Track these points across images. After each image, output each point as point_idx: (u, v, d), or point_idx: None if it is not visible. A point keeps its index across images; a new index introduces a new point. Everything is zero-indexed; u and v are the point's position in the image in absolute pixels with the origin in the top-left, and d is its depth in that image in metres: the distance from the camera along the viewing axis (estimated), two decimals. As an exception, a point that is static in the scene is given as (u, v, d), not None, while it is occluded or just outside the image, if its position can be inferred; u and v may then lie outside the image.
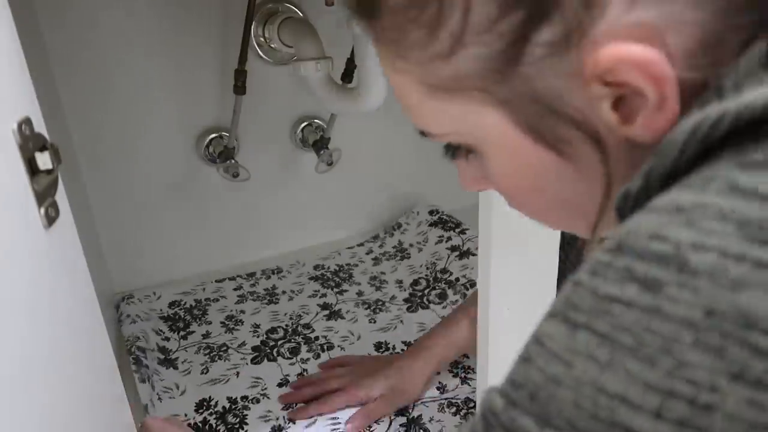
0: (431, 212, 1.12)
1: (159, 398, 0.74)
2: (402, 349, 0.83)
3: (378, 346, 0.84)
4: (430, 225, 1.09)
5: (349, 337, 0.87)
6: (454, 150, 0.37)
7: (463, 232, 1.05)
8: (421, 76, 0.31)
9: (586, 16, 0.26)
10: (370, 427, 0.70)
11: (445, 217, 1.09)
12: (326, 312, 0.93)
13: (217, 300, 0.97)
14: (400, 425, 0.70)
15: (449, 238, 1.04)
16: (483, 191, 0.40)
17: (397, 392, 0.73)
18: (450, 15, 0.28)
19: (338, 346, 0.85)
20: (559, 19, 0.26)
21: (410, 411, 0.72)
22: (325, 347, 0.85)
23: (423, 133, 0.36)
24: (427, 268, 1.01)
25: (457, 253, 1.01)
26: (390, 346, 0.84)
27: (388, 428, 0.70)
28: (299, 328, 0.89)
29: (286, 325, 0.90)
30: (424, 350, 0.75)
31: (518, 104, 0.29)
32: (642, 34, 0.25)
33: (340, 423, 0.70)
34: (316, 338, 0.87)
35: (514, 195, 0.35)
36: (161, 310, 0.94)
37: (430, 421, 0.70)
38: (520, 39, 0.27)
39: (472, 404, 0.72)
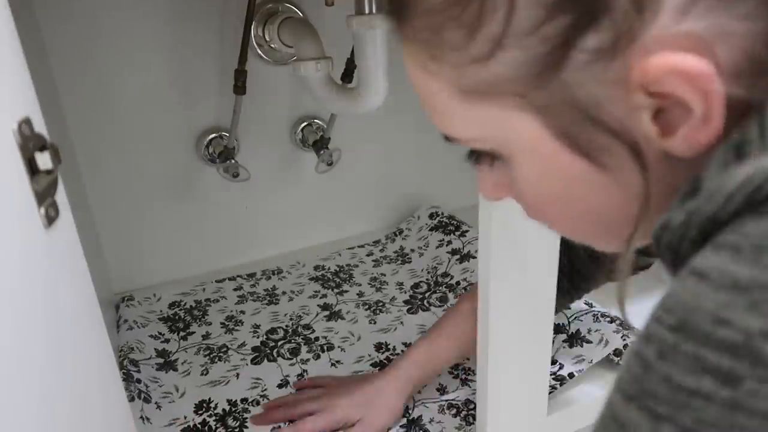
0: (431, 216, 1.12)
1: (158, 407, 0.74)
2: (402, 350, 0.83)
3: (378, 347, 0.84)
4: (431, 229, 1.09)
5: (349, 338, 0.87)
6: (478, 156, 0.36)
7: (463, 234, 1.05)
8: (454, 79, 0.30)
9: (638, 20, 0.25)
10: None
11: (445, 220, 1.10)
12: (326, 312, 0.93)
13: (217, 300, 0.97)
14: (400, 426, 0.70)
15: (449, 242, 1.04)
16: (500, 199, 0.39)
17: (375, 415, 0.68)
18: (492, 17, 0.27)
19: (338, 346, 0.85)
20: (608, 24, 0.25)
21: (410, 412, 0.72)
22: (325, 348, 0.85)
23: (447, 138, 0.35)
24: (428, 272, 1.01)
25: (457, 256, 1.01)
26: (390, 347, 0.84)
27: (388, 429, 0.70)
28: (299, 329, 0.89)
29: (286, 326, 0.90)
30: (399, 371, 0.71)
31: (555, 111, 0.28)
32: (691, 45, 0.25)
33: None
34: (316, 339, 0.87)
35: (539, 204, 0.34)
36: (161, 311, 0.94)
37: (430, 422, 0.70)
38: (564, 44, 0.26)
39: (472, 406, 0.72)
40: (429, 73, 0.31)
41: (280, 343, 0.86)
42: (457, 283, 0.96)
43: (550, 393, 0.66)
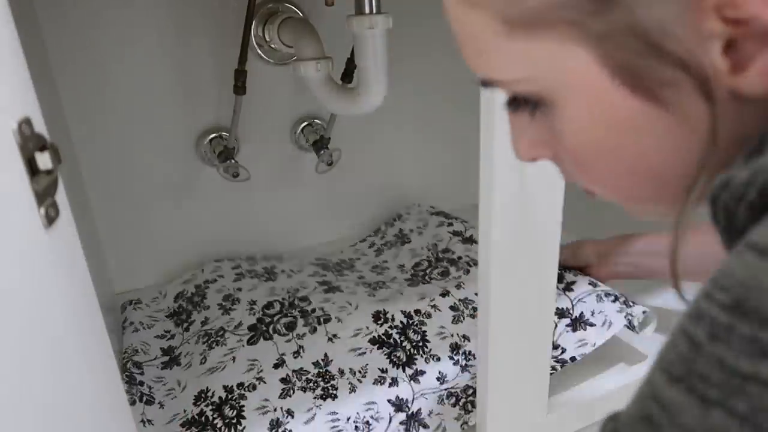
0: (431, 207, 1.12)
1: (161, 406, 0.73)
2: (401, 321, 0.81)
3: (377, 316, 0.82)
4: (432, 214, 1.09)
5: (346, 307, 0.84)
6: (519, 103, 0.33)
7: (465, 220, 1.04)
8: (500, 9, 0.28)
9: None
10: (369, 424, 0.70)
11: (445, 211, 1.10)
12: (325, 287, 0.91)
13: (215, 281, 0.95)
14: (400, 423, 0.70)
15: (450, 224, 1.03)
16: (535, 160, 0.35)
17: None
18: None
19: (335, 317, 0.82)
20: None
21: (410, 405, 0.72)
22: (322, 320, 0.82)
23: (486, 83, 0.32)
24: (428, 249, 1.00)
25: (459, 237, 1.00)
26: (389, 316, 0.82)
27: (388, 426, 0.70)
28: (296, 301, 0.86)
29: (283, 299, 0.87)
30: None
31: (614, 40, 0.26)
32: None
33: (339, 420, 0.70)
34: (313, 310, 0.84)
35: (586, 158, 0.31)
36: (168, 307, 0.93)
37: (429, 415, 0.70)
38: None
39: (471, 391, 0.71)
40: (474, 6, 0.29)
41: (276, 318, 0.83)
42: (459, 257, 0.94)
43: (550, 374, 0.66)
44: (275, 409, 0.71)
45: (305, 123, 1.04)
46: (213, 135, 0.98)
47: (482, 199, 0.54)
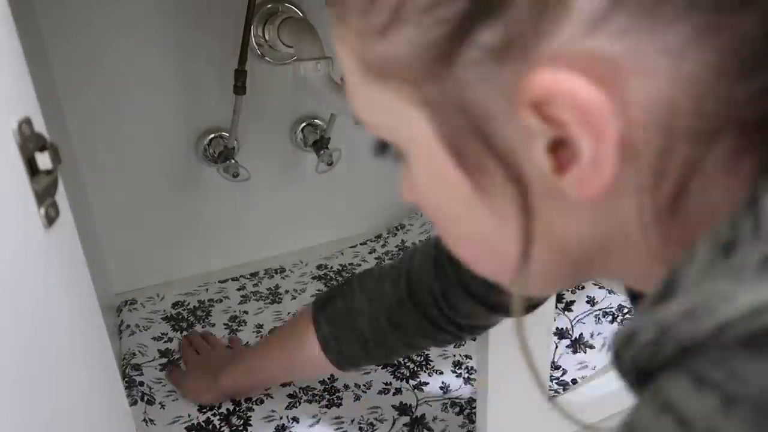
0: None
1: (162, 406, 0.74)
2: None
3: None
4: None
5: None
6: (381, 147, 0.32)
7: None
8: (356, 49, 0.27)
9: (535, 24, 0.21)
10: (373, 426, 0.70)
11: None
12: None
13: (221, 301, 0.97)
14: (404, 425, 0.70)
15: None
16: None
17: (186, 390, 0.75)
18: None
19: None
20: (505, 21, 0.21)
21: (414, 410, 0.72)
22: None
23: (357, 121, 0.32)
24: None
25: None
26: None
27: (392, 428, 0.70)
28: None
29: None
30: (230, 374, 0.72)
31: (445, 112, 0.25)
32: (595, 69, 0.20)
33: (344, 422, 0.70)
34: None
35: (434, 217, 0.30)
36: (164, 311, 0.94)
37: (433, 420, 0.70)
38: (459, 32, 0.22)
39: (475, 404, 0.72)
40: (339, 38, 0.28)
41: None
42: None
43: (552, 398, 0.67)
44: (281, 418, 0.72)
45: (305, 123, 1.04)
46: (213, 135, 0.98)
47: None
